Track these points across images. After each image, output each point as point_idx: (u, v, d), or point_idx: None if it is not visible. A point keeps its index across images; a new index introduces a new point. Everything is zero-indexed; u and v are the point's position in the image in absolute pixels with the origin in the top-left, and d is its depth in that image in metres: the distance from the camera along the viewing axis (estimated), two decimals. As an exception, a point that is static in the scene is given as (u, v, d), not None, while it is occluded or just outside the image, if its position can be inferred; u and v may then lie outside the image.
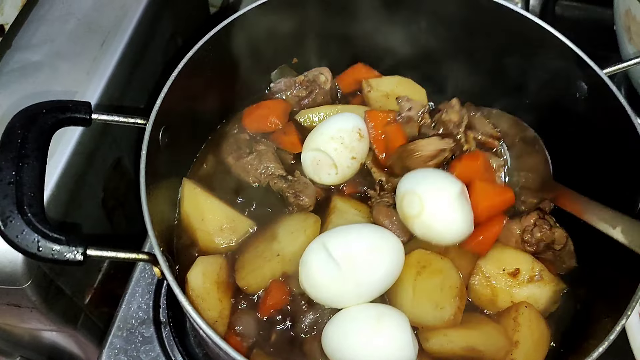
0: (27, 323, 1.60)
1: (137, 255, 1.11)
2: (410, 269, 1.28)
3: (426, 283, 1.26)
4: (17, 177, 1.07)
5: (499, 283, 1.32)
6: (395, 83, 1.61)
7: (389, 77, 1.64)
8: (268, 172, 1.44)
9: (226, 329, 1.28)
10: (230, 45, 1.44)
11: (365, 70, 1.70)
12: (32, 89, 1.56)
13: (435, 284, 1.26)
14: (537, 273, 1.33)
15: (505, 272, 1.33)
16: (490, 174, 1.47)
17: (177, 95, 1.30)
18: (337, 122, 1.48)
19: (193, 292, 1.25)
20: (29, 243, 1.04)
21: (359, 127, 1.46)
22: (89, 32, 1.70)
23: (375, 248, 1.24)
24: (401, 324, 1.20)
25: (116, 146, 1.70)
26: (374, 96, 1.60)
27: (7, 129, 1.12)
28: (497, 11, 1.44)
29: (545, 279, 1.33)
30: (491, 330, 1.27)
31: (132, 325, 1.47)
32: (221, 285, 1.31)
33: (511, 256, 1.35)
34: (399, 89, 1.59)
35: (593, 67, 1.33)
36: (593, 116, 1.36)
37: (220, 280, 1.31)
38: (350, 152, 1.44)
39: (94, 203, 1.65)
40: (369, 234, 1.28)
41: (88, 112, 1.20)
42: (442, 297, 1.25)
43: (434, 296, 1.25)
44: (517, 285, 1.32)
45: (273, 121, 1.54)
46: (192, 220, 1.39)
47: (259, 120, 1.55)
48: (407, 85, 1.62)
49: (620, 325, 1.08)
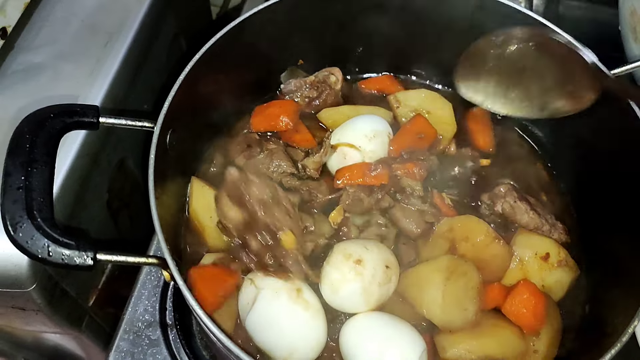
0: (31, 326, 1.60)
1: (147, 259, 1.11)
2: (437, 274, 1.28)
3: (453, 288, 1.27)
4: (27, 182, 1.07)
5: (532, 266, 1.35)
6: (423, 97, 1.61)
7: (416, 91, 1.63)
8: (280, 171, 1.44)
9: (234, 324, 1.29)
10: (237, 47, 1.43)
11: (390, 82, 1.72)
12: (35, 90, 1.56)
13: (461, 288, 1.27)
14: (563, 258, 1.36)
15: (537, 256, 1.35)
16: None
17: (184, 98, 1.29)
18: (371, 123, 1.51)
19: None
20: (39, 248, 1.04)
21: (388, 132, 1.51)
22: (92, 33, 1.69)
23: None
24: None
25: (121, 147, 1.70)
26: (402, 112, 1.61)
27: (15, 134, 1.12)
28: (501, 11, 1.46)
29: (569, 265, 1.37)
30: (508, 335, 1.27)
31: (138, 328, 1.47)
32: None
33: (539, 241, 1.38)
34: (426, 103, 1.59)
35: (601, 68, 1.33)
36: (601, 117, 1.36)
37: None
38: (381, 153, 1.49)
39: (99, 204, 1.65)
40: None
41: (96, 116, 1.20)
42: (466, 299, 1.27)
43: (461, 301, 1.26)
44: (548, 269, 1.34)
45: (284, 120, 1.54)
46: (200, 218, 1.40)
47: (269, 119, 1.56)
48: (434, 100, 1.61)
49: (632, 326, 1.08)
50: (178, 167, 1.38)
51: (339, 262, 1.24)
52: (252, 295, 1.22)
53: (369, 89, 1.74)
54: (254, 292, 1.23)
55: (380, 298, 1.26)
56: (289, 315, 1.20)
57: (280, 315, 1.20)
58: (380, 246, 1.31)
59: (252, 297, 1.22)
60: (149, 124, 1.24)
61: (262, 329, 1.21)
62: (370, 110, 1.61)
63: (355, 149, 1.47)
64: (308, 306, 1.21)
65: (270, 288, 1.22)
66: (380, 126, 1.51)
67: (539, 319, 1.28)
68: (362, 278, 1.22)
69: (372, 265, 1.24)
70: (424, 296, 1.28)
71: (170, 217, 1.33)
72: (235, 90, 1.53)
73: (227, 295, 1.26)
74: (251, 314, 1.22)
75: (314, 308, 1.23)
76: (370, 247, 1.28)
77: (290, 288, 1.22)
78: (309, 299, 1.22)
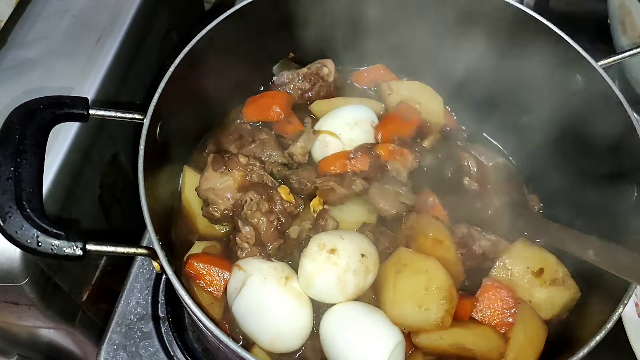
0: (24, 320, 1.60)
1: (137, 249, 1.12)
2: (391, 267, 1.27)
3: (407, 282, 1.23)
4: (16, 173, 1.07)
5: (520, 279, 1.31)
6: (415, 88, 1.62)
7: (409, 82, 1.65)
8: (271, 160, 1.45)
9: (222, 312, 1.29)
10: (228, 39, 1.44)
11: (384, 72, 1.72)
12: (27, 86, 1.56)
13: (417, 283, 1.23)
14: (561, 277, 1.31)
15: (529, 270, 1.31)
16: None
17: (174, 90, 1.30)
18: (354, 112, 1.52)
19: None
20: (28, 238, 1.04)
21: (372, 120, 1.52)
22: (84, 29, 1.69)
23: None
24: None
25: (112, 142, 1.70)
26: (393, 100, 1.61)
27: (4, 125, 1.12)
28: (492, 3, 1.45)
29: (567, 285, 1.32)
30: (484, 329, 1.26)
31: (130, 321, 1.47)
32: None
33: (536, 254, 1.33)
34: (418, 95, 1.60)
35: (588, 60, 1.34)
36: (588, 109, 1.36)
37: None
38: (363, 140, 1.49)
39: (91, 199, 1.65)
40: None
41: (85, 108, 1.20)
42: (427, 298, 1.21)
43: (416, 297, 1.22)
44: (539, 285, 1.30)
45: (276, 111, 1.56)
46: (192, 207, 1.41)
47: (261, 110, 1.57)
48: (426, 92, 1.62)
49: (617, 314, 1.09)
50: (169, 158, 1.39)
51: (314, 252, 1.23)
52: (241, 281, 1.23)
53: (362, 79, 1.74)
54: (242, 277, 1.23)
55: (357, 288, 1.24)
56: (276, 303, 1.20)
57: (267, 302, 1.21)
58: (356, 235, 1.30)
59: (240, 283, 1.23)
60: (139, 116, 1.25)
61: (248, 315, 1.22)
62: (362, 102, 1.61)
63: (335, 137, 1.48)
64: (295, 294, 1.21)
65: (259, 274, 1.22)
66: (363, 115, 1.52)
67: (506, 318, 1.27)
68: (336, 267, 1.21)
69: (346, 254, 1.22)
70: (380, 289, 1.27)
71: (161, 207, 1.34)
72: (227, 82, 1.53)
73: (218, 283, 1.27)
74: (238, 300, 1.22)
75: (302, 297, 1.23)
76: (346, 236, 1.27)
77: (279, 276, 1.22)
78: (296, 287, 1.23)
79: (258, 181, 1.31)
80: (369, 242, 1.30)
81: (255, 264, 1.24)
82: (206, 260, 1.29)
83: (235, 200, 1.31)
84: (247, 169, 1.32)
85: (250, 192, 1.28)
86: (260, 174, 1.33)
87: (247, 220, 1.27)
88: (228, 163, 1.31)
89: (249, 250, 1.26)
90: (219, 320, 1.26)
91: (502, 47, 1.48)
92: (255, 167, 1.33)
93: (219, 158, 1.33)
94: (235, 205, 1.30)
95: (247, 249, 1.25)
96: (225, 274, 1.27)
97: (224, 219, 1.32)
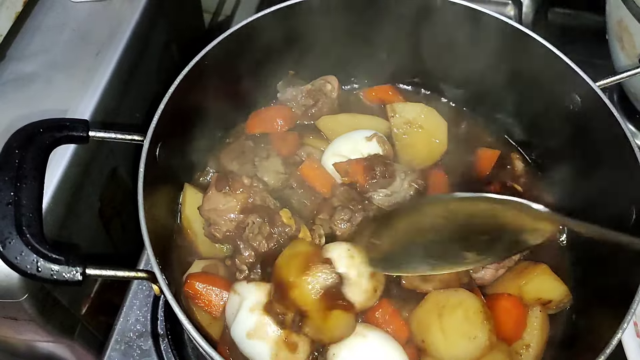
0: (24, 335, 1.60)
1: (137, 273, 1.12)
2: (432, 313, 1.27)
3: (451, 321, 1.25)
4: (16, 198, 1.08)
5: (526, 305, 1.34)
6: (419, 111, 1.60)
7: (413, 104, 1.62)
8: (272, 178, 1.45)
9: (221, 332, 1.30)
10: (229, 57, 1.44)
11: (391, 93, 1.72)
12: (27, 100, 1.56)
13: (460, 318, 1.24)
14: (564, 304, 1.38)
15: (539, 302, 1.35)
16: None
17: (174, 110, 1.30)
18: (370, 139, 1.50)
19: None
20: (28, 264, 1.04)
21: (385, 147, 1.50)
22: (83, 43, 1.69)
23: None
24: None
25: (112, 156, 1.70)
26: (397, 122, 1.59)
27: (4, 149, 1.12)
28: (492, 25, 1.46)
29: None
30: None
31: (130, 338, 1.48)
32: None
33: (551, 287, 1.36)
34: (422, 118, 1.58)
35: (586, 80, 1.34)
36: (586, 127, 1.37)
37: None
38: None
39: (91, 213, 1.65)
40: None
41: (85, 130, 1.20)
42: (471, 327, 1.23)
43: (463, 331, 1.23)
44: (539, 309, 1.34)
45: (279, 123, 1.57)
46: (193, 225, 1.41)
47: (265, 122, 1.59)
48: (430, 115, 1.60)
49: (617, 338, 1.09)
50: (169, 177, 1.39)
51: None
52: (236, 305, 1.22)
53: (369, 98, 1.75)
54: (238, 301, 1.23)
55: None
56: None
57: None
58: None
59: (236, 307, 1.22)
60: (139, 137, 1.25)
61: (245, 341, 1.20)
62: (368, 119, 1.62)
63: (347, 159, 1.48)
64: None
65: (252, 299, 1.21)
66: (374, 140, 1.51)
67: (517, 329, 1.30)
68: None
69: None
70: (427, 337, 1.26)
71: (160, 228, 1.34)
72: (228, 100, 1.54)
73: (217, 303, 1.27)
74: (235, 325, 1.21)
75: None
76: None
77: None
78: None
79: (261, 203, 1.31)
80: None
81: (251, 288, 1.23)
82: (206, 280, 1.29)
83: (237, 222, 1.31)
84: (250, 191, 1.32)
85: (252, 214, 1.28)
86: (263, 195, 1.33)
87: (248, 243, 1.27)
88: (232, 184, 1.31)
89: (247, 273, 1.26)
90: (217, 340, 1.26)
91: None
92: (258, 188, 1.33)
93: (223, 178, 1.33)
94: (237, 227, 1.30)
95: (245, 271, 1.26)
96: (224, 294, 1.27)
97: (225, 239, 1.32)
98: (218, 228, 1.31)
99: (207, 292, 1.28)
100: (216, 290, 1.28)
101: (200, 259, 1.39)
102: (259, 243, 1.26)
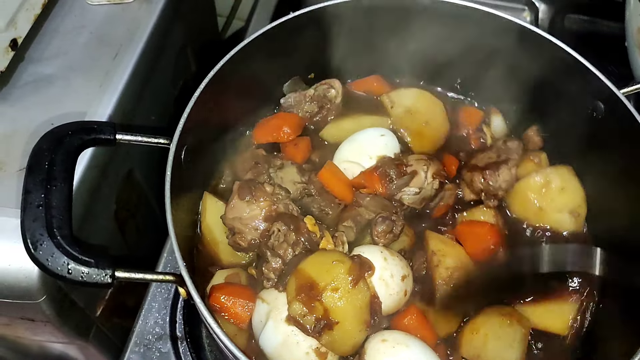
0: (39, 336, 1.60)
1: (164, 276, 1.12)
2: (506, 339, 1.30)
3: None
4: (46, 200, 1.08)
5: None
6: (415, 97, 1.60)
7: (406, 90, 1.63)
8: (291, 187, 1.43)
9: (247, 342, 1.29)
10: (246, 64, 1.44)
11: (377, 84, 1.71)
12: (45, 102, 1.57)
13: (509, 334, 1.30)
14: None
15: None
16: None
17: (198, 114, 1.31)
18: (376, 139, 1.50)
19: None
20: (59, 266, 1.05)
21: (395, 151, 1.49)
22: (101, 45, 1.70)
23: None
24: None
25: (129, 158, 1.71)
26: (397, 112, 1.60)
27: (34, 152, 1.13)
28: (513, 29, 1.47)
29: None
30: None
31: (149, 341, 1.47)
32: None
33: (553, 319, 1.38)
34: (419, 103, 1.59)
35: (610, 87, 1.34)
36: (611, 135, 1.37)
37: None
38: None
39: (107, 215, 1.66)
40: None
41: (112, 133, 1.21)
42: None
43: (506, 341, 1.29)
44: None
45: (286, 131, 1.54)
46: (214, 234, 1.40)
47: (272, 131, 1.56)
48: (426, 98, 1.61)
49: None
50: (190, 184, 1.39)
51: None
52: (265, 314, 1.22)
53: (359, 90, 1.72)
54: (266, 310, 1.22)
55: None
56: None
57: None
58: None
59: (264, 316, 1.22)
60: (165, 140, 1.25)
61: (274, 351, 1.20)
62: (369, 119, 1.60)
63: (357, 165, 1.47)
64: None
65: (282, 309, 1.21)
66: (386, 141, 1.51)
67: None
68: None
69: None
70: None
71: (184, 234, 1.34)
72: (241, 105, 1.55)
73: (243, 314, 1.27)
74: (264, 334, 1.21)
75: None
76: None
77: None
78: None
79: (285, 211, 1.31)
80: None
81: (280, 296, 1.23)
82: (230, 292, 1.28)
83: (262, 230, 1.31)
84: (273, 199, 1.32)
85: (278, 222, 1.28)
86: (286, 203, 1.33)
87: (275, 251, 1.27)
88: (255, 192, 1.31)
89: (275, 281, 1.26)
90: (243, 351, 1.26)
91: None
92: (281, 196, 1.33)
93: (246, 186, 1.32)
94: (262, 235, 1.30)
95: (273, 279, 1.26)
96: (249, 304, 1.27)
97: (250, 248, 1.32)
98: (243, 237, 1.30)
99: (233, 305, 1.28)
100: (242, 302, 1.28)
101: (220, 267, 1.38)
102: (284, 251, 1.26)
